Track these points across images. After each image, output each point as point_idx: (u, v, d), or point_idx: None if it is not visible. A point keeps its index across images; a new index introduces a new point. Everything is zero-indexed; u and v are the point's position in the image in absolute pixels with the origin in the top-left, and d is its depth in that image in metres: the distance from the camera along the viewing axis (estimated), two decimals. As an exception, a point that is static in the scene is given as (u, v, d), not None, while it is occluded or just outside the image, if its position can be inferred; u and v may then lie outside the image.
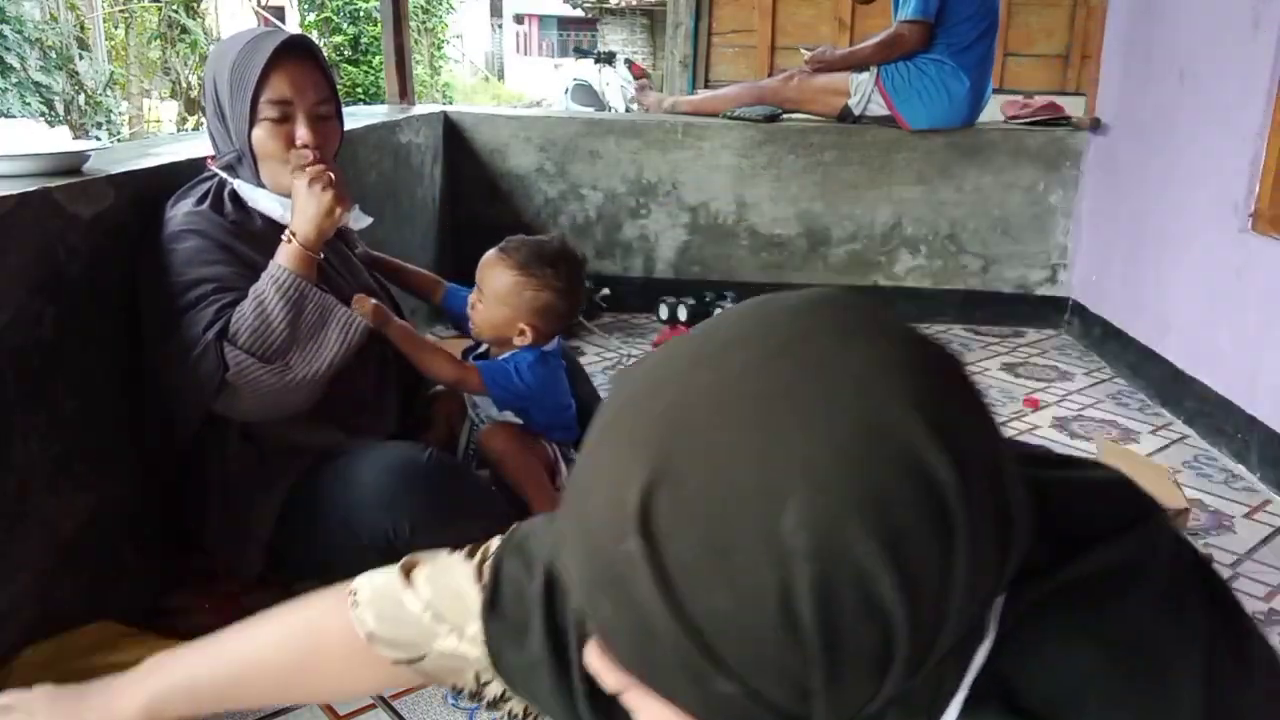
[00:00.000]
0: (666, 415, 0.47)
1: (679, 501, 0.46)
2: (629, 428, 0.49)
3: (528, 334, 1.78)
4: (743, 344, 0.49)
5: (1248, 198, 2.46)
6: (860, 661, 0.46)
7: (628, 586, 0.47)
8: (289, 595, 1.65)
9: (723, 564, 0.45)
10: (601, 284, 3.47)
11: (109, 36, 11.57)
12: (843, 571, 0.44)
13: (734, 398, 0.46)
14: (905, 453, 0.44)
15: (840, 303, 0.52)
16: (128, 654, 1.38)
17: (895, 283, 3.50)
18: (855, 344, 0.48)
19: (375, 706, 1.39)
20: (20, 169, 1.43)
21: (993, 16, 3.30)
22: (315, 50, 1.62)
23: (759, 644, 0.46)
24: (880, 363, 0.47)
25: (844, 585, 0.44)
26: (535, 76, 22.52)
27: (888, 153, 3.38)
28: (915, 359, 0.49)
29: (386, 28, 3.40)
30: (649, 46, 14.92)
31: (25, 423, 1.33)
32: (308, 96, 1.57)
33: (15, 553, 1.33)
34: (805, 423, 0.45)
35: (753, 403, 0.46)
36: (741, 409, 0.46)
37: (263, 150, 1.55)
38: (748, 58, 5.15)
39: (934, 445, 0.45)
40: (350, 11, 12.95)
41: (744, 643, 0.46)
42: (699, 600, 0.46)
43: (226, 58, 1.54)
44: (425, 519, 1.55)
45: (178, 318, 1.46)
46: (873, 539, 0.44)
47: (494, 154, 3.46)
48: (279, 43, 1.53)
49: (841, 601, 0.44)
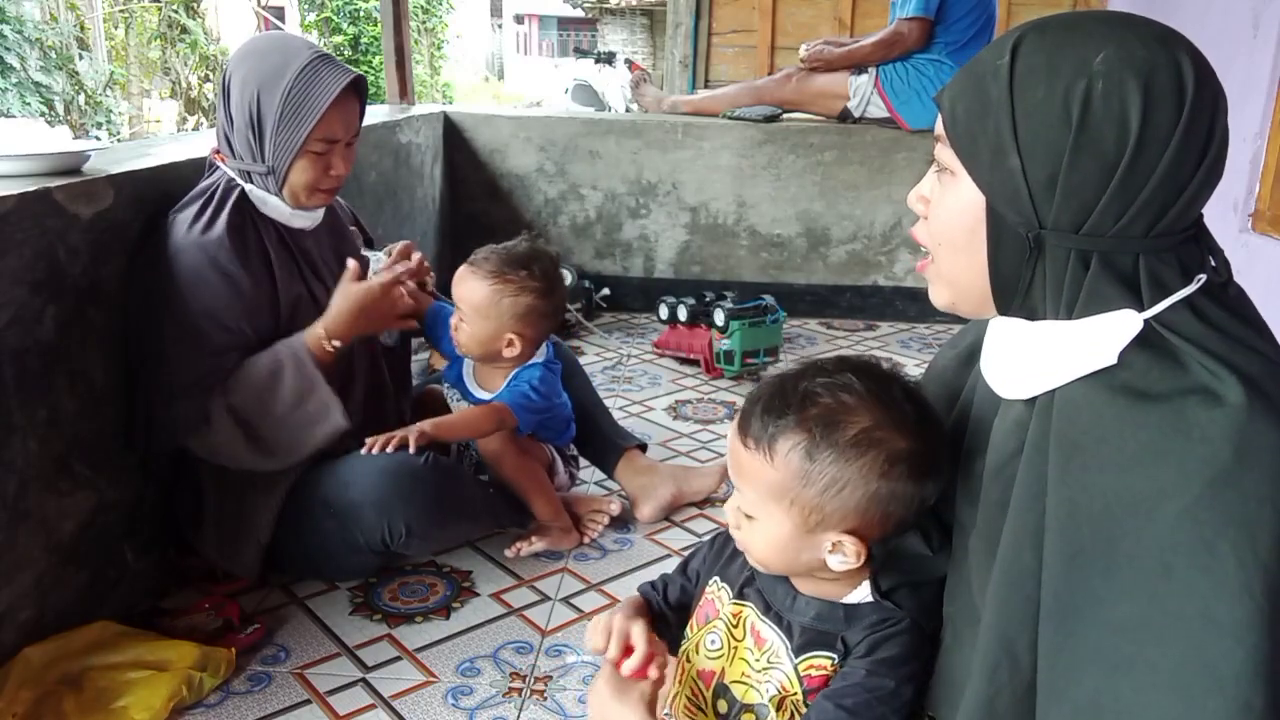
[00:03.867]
0: (1030, 22, 0.79)
1: (1040, 40, 0.77)
2: (1003, 36, 0.79)
3: (516, 344, 1.74)
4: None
5: (1248, 198, 2.46)
6: (1097, 156, 0.73)
7: (986, 86, 0.77)
8: (288, 596, 1.66)
9: (1048, 71, 0.74)
10: (601, 284, 3.47)
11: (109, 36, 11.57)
12: (1112, 89, 0.72)
13: (1077, 15, 0.79)
14: (1172, 55, 0.73)
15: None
16: (128, 654, 1.38)
17: (895, 283, 3.50)
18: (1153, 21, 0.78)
19: (375, 707, 1.39)
20: (20, 169, 1.43)
21: (989, 12, 3.30)
22: (364, 87, 1.62)
23: (1044, 125, 0.74)
24: (1173, 30, 0.77)
25: (1110, 98, 0.72)
26: (535, 76, 22.53)
27: (887, 153, 3.38)
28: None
29: (386, 28, 3.40)
30: (649, 46, 14.91)
31: (25, 423, 1.33)
32: (350, 132, 1.59)
33: (15, 553, 1.33)
34: (1123, 25, 0.76)
35: (1090, 15, 0.78)
36: (1086, 16, 0.78)
37: (299, 178, 1.56)
38: (748, 58, 5.14)
39: (1190, 60, 0.74)
40: (350, 11, 12.94)
41: (1035, 124, 0.75)
42: (1026, 89, 0.75)
43: (280, 80, 1.50)
44: (421, 521, 1.56)
45: (172, 349, 1.48)
46: (1137, 79, 0.72)
47: (494, 154, 3.47)
48: (344, 84, 1.52)
49: (1104, 106, 0.72)
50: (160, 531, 1.66)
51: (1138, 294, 0.76)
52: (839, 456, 0.91)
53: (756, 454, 0.94)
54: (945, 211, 0.83)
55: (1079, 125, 0.73)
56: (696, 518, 1.98)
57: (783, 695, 1.00)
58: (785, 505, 0.94)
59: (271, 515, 1.58)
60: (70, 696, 1.30)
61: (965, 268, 0.83)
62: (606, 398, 2.14)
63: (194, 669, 1.37)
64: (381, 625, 1.59)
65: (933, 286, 0.89)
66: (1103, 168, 0.73)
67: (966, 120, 0.79)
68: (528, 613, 1.63)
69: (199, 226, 1.51)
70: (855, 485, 0.91)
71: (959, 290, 0.86)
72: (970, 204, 0.80)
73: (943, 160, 0.83)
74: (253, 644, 1.50)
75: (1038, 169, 0.75)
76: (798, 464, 0.92)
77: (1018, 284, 0.80)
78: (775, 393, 0.95)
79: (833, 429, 0.91)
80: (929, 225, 0.86)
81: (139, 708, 1.30)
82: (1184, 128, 0.72)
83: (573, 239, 3.52)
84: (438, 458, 1.62)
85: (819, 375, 0.95)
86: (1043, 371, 0.80)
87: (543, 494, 1.80)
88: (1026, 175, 0.75)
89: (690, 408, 2.60)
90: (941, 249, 0.85)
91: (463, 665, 1.49)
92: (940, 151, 0.83)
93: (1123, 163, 0.73)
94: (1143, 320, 0.75)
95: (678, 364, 2.95)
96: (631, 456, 1.99)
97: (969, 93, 0.79)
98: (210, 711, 1.37)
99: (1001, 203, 0.78)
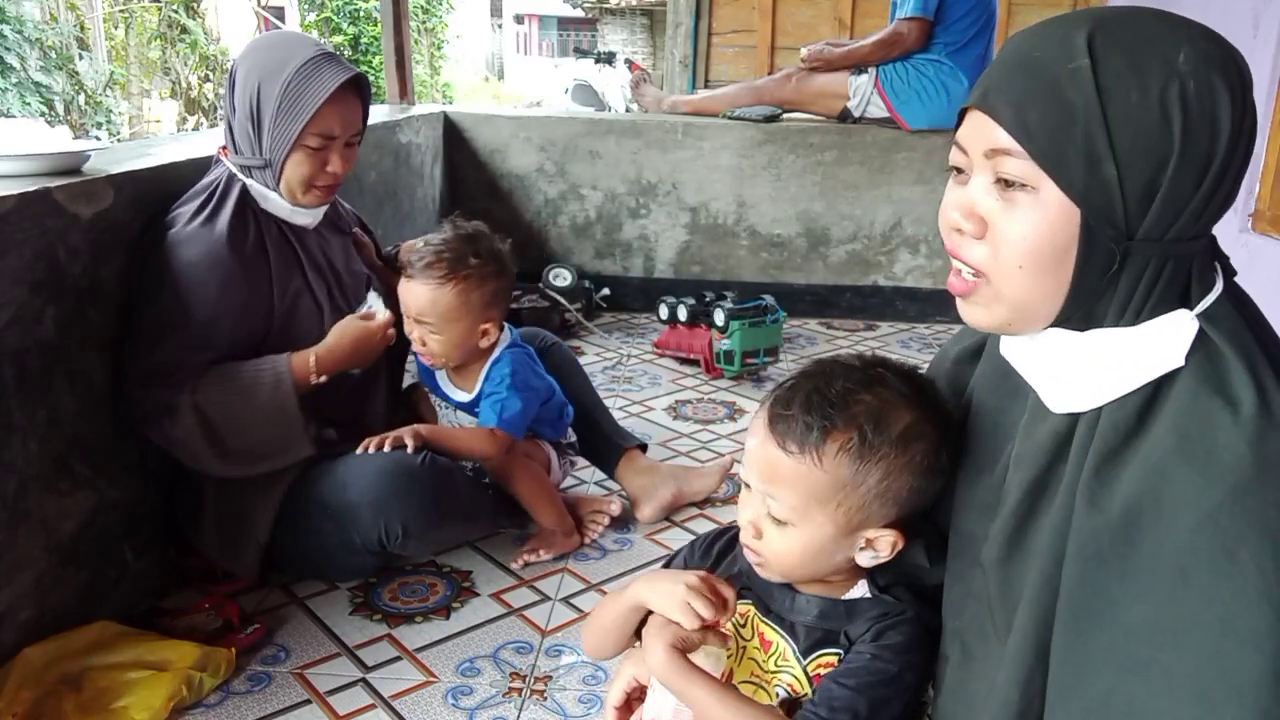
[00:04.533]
0: (1068, 18, 0.76)
1: (1111, 40, 0.72)
2: (1056, 20, 0.76)
3: (490, 330, 1.74)
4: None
5: (1248, 198, 2.46)
6: (1194, 162, 0.71)
7: (1064, 91, 0.72)
8: (288, 596, 1.66)
9: (1137, 74, 0.71)
10: (601, 284, 3.47)
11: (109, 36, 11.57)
12: (1204, 90, 0.70)
13: (1123, 12, 0.75)
14: (1232, 51, 0.73)
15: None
16: (128, 654, 1.38)
17: (895, 283, 3.50)
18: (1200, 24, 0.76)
19: (375, 707, 1.39)
20: (20, 169, 1.43)
21: (989, 13, 3.30)
22: (369, 90, 1.62)
23: (1143, 132, 0.71)
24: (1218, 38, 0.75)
25: (1203, 98, 0.70)
26: (535, 76, 22.52)
27: (887, 153, 3.38)
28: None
29: (386, 28, 3.40)
30: (649, 46, 14.91)
31: (25, 423, 1.33)
32: (350, 130, 1.59)
33: (15, 553, 1.33)
34: (1174, 20, 0.74)
35: (1135, 11, 0.75)
36: (1132, 12, 0.75)
37: (295, 171, 1.56)
38: (748, 58, 5.14)
39: (1237, 53, 0.73)
40: (350, 11, 12.95)
41: (1132, 130, 0.71)
42: (1117, 93, 0.71)
43: (281, 73, 1.51)
44: (418, 522, 1.56)
45: (148, 335, 1.48)
46: (1221, 78, 0.71)
47: (494, 154, 3.46)
48: (341, 80, 1.52)
49: (1199, 108, 0.70)
50: (160, 531, 1.66)
51: (1188, 295, 0.75)
52: (890, 451, 0.91)
53: (802, 459, 0.91)
54: (1026, 230, 0.75)
55: (1182, 130, 0.70)
56: (696, 518, 1.98)
57: (793, 696, 1.00)
58: (831, 508, 0.92)
59: (270, 515, 1.58)
60: (70, 696, 1.30)
61: (1045, 288, 0.76)
62: (606, 398, 2.14)
63: (194, 669, 1.37)
64: (381, 625, 1.59)
65: (981, 309, 0.81)
66: (1198, 171, 0.71)
67: (1048, 129, 0.72)
68: (528, 613, 1.63)
69: (200, 219, 1.52)
70: (903, 478, 0.92)
71: (1022, 311, 0.78)
72: (1060, 220, 0.73)
73: (1010, 174, 0.75)
74: (253, 644, 1.50)
75: (1135, 177, 0.71)
76: (849, 463, 0.91)
77: (1097, 299, 0.76)
78: (812, 395, 0.92)
79: (883, 425, 0.91)
80: (994, 247, 0.77)
81: (139, 708, 1.30)
82: (1250, 122, 0.73)
83: (573, 239, 3.52)
84: (435, 458, 1.62)
85: (849, 373, 0.94)
86: (1106, 381, 0.77)
87: (549, 502, 1.79)
88: (1123, 184, 0.71)
89: (690, 408, 2.60)
90: (1020, 271, 0.76)
91: (463, 665, 1.49)
92: (1009, 165, 0.75)
93: (1214, 165, 0.71)
94: (1197, 320, 0.74)
95: (678, 364, 2.95)
96: (632, 456, 1.99)
97: (1042, 99, 0.73)
98: (210, 711, 1.37)
99: (1096, 215, 0.73)
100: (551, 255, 3.50)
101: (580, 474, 2.14)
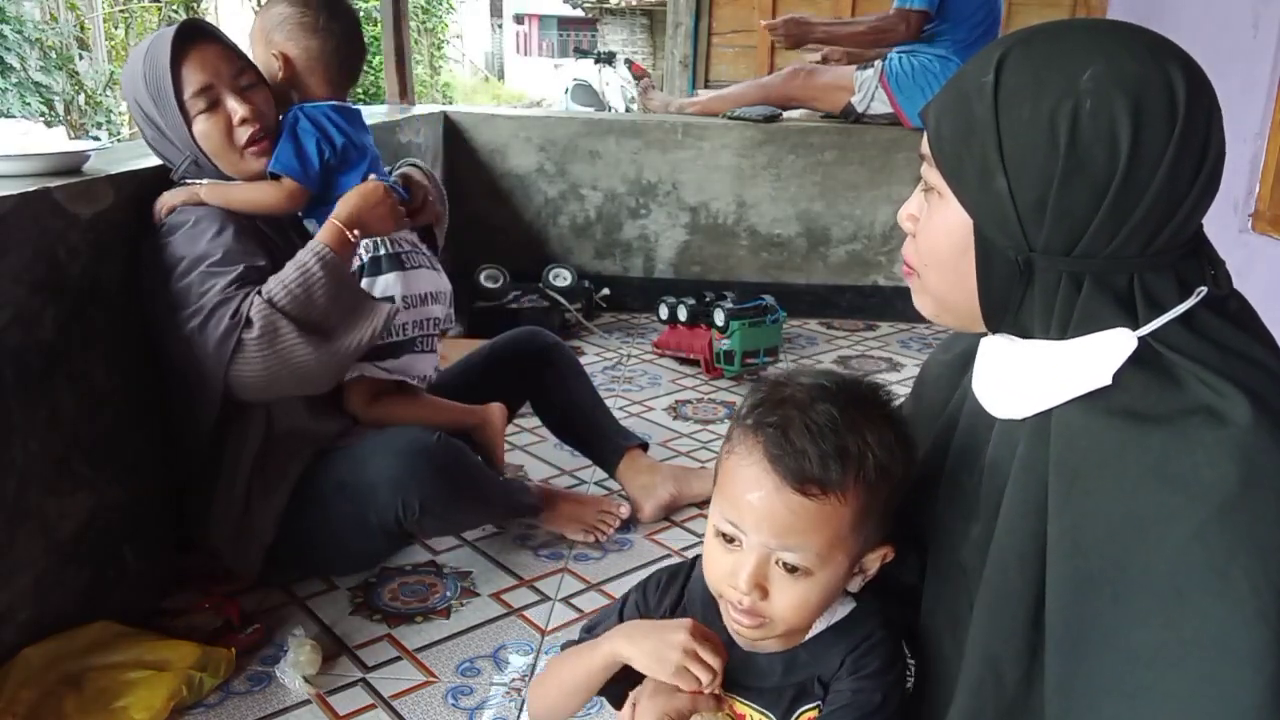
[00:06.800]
0: (1014, 34, 0.77)
1: (1025, 55, 0.74)
2: (1003, 37, 0.77)
3: (278, 62, 1.64)
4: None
5: (1248, 198, 2.46)
6: (1087, 178, 0.70)
7: (971, 104, 0.74)
8: (288, 596, 1.66)
9: (1034, 90, 0.72)
10: (601, 284, 3.47)
11: (109, 36, 11.55)
12: (1101, 109, 0.69)
13: (1063, 27, 0.76)
14: (1163, 69, 0.71)
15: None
16: (127, 654, 1.38)
17: (895, 283, 3.50)
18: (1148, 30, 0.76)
19: (375, 707, 1.39)
20: (20, 169, 1.43)
21: (996, 13, 3.30)
22: (214, 31, 1.61)
23: (1031, 147, 0.71)
24: (1164, 40, 0.74)
25: (1099, 117, 0.69)
26: (535, 76, 22.50)
27: (888, 153, 3.38)
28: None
29: (386, 28, 3.40)
30: (649, 46, 14.91)
31: (25, 423, 1.33)
32: (224, 74, 1.56)
33: (15, 553, 1.33)
34: (1111, 38, 0.73)
35: (1076, 26, 0.77)
36: (1072, 27, 0.77)
37: (209, 143, 1.55)
38: (748, 58, 5.14)
39: (1181, 73, 0.71)
40: (350, 11, 12.94)
41: (1022, 145, 0.72)
42: (1011, 109, 0.72)
43: (137, 74, 1.54)
44: (433, 498, 1.57)
45: (189, 287, 1.47)
46: (1126, 98, 0.69)
47: (494, 154, 3.46)
48: (170, 37, 1.53)
49: (1092, 126, 0.70)
50: (160, 531, 1.66)
51: (1133, 312, 0.73)
52: (893, 461, 0.87)
53: (826, 500, 0.84)
54: (933, 232, 0.81)
55: (1067, 147, 0.70)
56: (696, 518, 1.98)
57: None
58: (852, 541, 0.87)
59: (274, 515, 1.58)
60: (70, 696, 1.30)
61: (952, 288, 0.81)
62: (606, 398, 2.14)
63: (194, 669, 1.37)
64: (381, 625, 1.59)
65: (917, 297, 0.88)
66: (1093, 190, 0.71)
67: (952, 139, 0.76)
68: (528, 613, 1.64)
69: (191, 210, 1.55)
70: (901, 489, 0.89)
71: (946, 307, 0.85)
72: (957, 226, 0.78)
73: (929, 180, 0.80)
74: (253, 644, 1.50)
75: (1026, 191, 0.72)
76: (867, 489, 0.86)
77: (1007, 305, 0.78)
78: (815, 434, 0.84)
79: (881, 437, 0.87)
80: (916, 245, 0.84)
81: (139, 708, 1.30)
82: (1177, 145, 0.70)
83: (573, 239, 3.52)
84: (447, 437, 1.64)
85: (825, 400, 0.87)
86: (1036, 392, 0.77)
87: (461, 412, 1.81)
88: (1014, 198, 0.73)
89: (690, 408, 2.60)
90: (929, 269, 0.83)
91: (463, 665, 1.49)
92: (926, 171, 0.80)
93: (1114, 184, 0.70)
94: (1137, 339, 0.72)
95: (678, 364, 2.95)
96: (634, 456, 1.99)
97: (954, 110, 0.76)
98: (210, 711, 1.37)
99: (989, 225, 0.75)
100: (551, 255, 3.50)
101: (581, 474, 2.14)
